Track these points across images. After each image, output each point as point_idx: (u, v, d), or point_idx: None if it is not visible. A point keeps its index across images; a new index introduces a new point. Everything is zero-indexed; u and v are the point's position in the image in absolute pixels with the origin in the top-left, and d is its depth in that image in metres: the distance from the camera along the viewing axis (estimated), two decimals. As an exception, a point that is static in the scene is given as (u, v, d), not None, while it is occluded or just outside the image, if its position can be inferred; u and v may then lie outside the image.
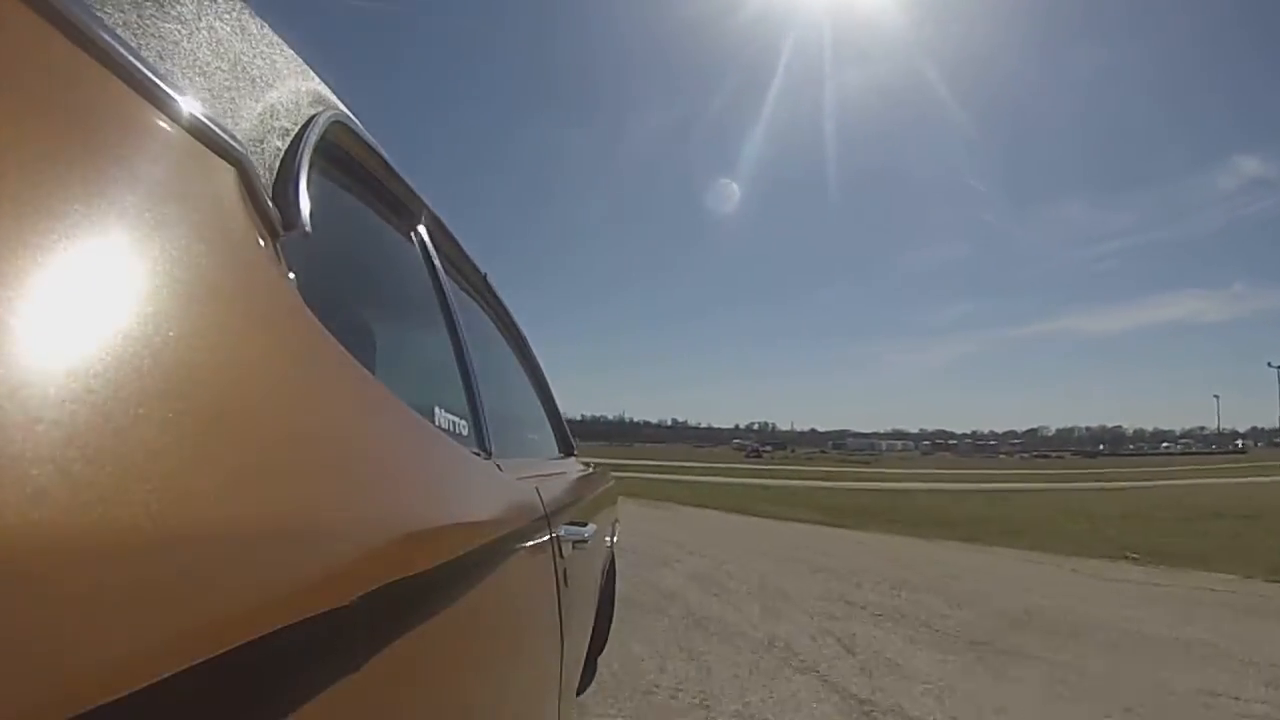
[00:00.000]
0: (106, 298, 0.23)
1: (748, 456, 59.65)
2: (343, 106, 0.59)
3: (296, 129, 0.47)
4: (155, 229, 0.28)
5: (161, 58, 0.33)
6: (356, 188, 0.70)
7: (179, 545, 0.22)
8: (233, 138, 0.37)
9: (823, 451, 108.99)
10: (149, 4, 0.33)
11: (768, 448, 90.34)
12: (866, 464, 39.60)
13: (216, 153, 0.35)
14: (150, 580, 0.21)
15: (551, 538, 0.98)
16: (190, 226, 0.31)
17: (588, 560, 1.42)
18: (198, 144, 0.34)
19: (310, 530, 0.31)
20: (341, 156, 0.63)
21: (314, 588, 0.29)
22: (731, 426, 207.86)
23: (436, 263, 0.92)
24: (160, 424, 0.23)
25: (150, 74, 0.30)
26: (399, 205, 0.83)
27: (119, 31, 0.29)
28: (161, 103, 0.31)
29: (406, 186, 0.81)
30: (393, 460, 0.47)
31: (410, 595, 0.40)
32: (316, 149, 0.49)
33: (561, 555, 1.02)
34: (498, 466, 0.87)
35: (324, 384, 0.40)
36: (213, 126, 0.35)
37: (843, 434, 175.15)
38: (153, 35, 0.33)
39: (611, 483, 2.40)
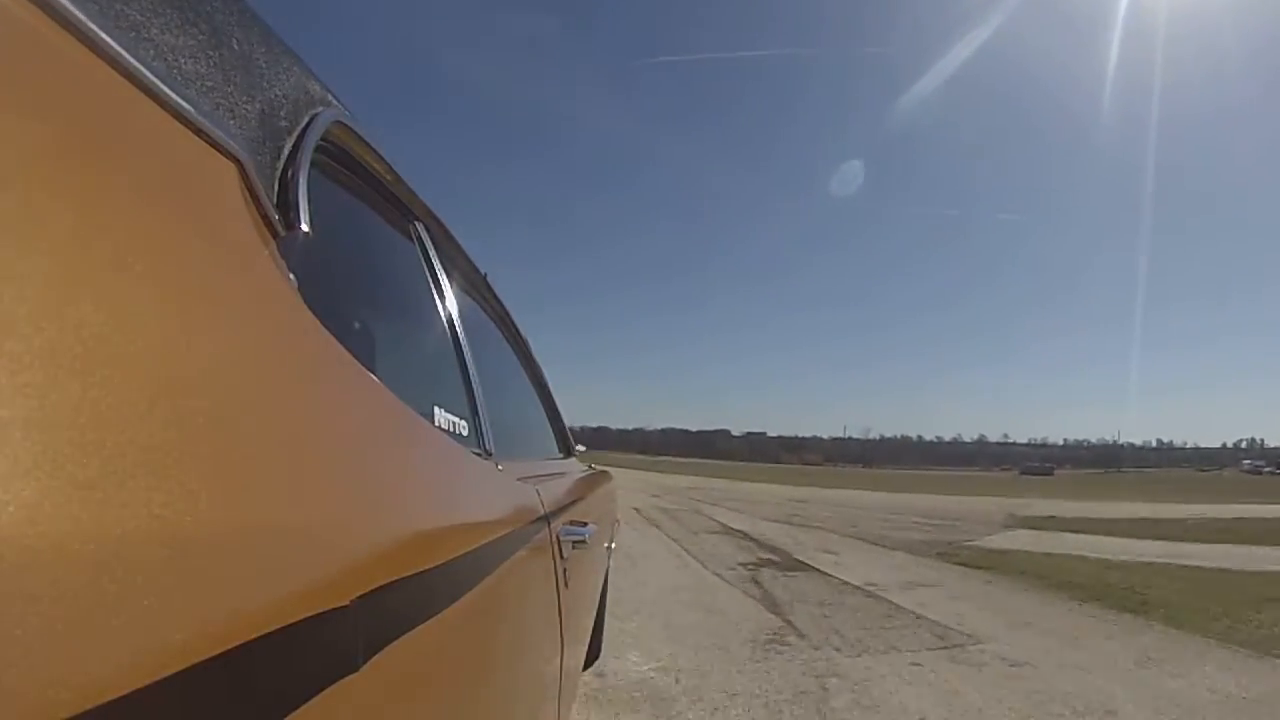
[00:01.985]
0: (105, 297, 0.23)
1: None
2: (343, 106, 0.59)
3: (297, 129, 0.47)
4: (155, 229, 0.28)
5: (161, 56, 0.32)
6: (356, 188, 0.70)
7: (179, 545, 0.22)
8: (233, 137, 0.37)
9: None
10: (149, 2, 0.33)
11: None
12: None
13: (217, 152, 0.35)
14: (150, 580, 0.20)
15: (552, 538, 0.98)
16: (190, 226, 0.31)
17: (588, 562, 1.42)
18: (198, 143, 0.34)
19: (310, 530, 0.31)
20: (341, 156, 0.63)
21: (314, 588, 0.29)
22: (1218, 445, 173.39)
23: (436, 263, 0.92)
24: (160, 424, 0.23)
25: (150, 73, 0.30)
26: (399, 205, 0.83)
27: (119, 29, 0.29)
28: (161, 102, 0.31)
29: (406, 186, 0.81)
30: (393, 460, 0.47)
31: (410, 595, 0.40)
32: (317, 149, 0.49)
33: (562, 556, 1.02)
34: (498, 467, 0.87)
35: (324, 384, 0.40)
36: (213, 126, 0.34)
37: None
38: (153, 33, 0.33)
39: (611, 484, 2.40)
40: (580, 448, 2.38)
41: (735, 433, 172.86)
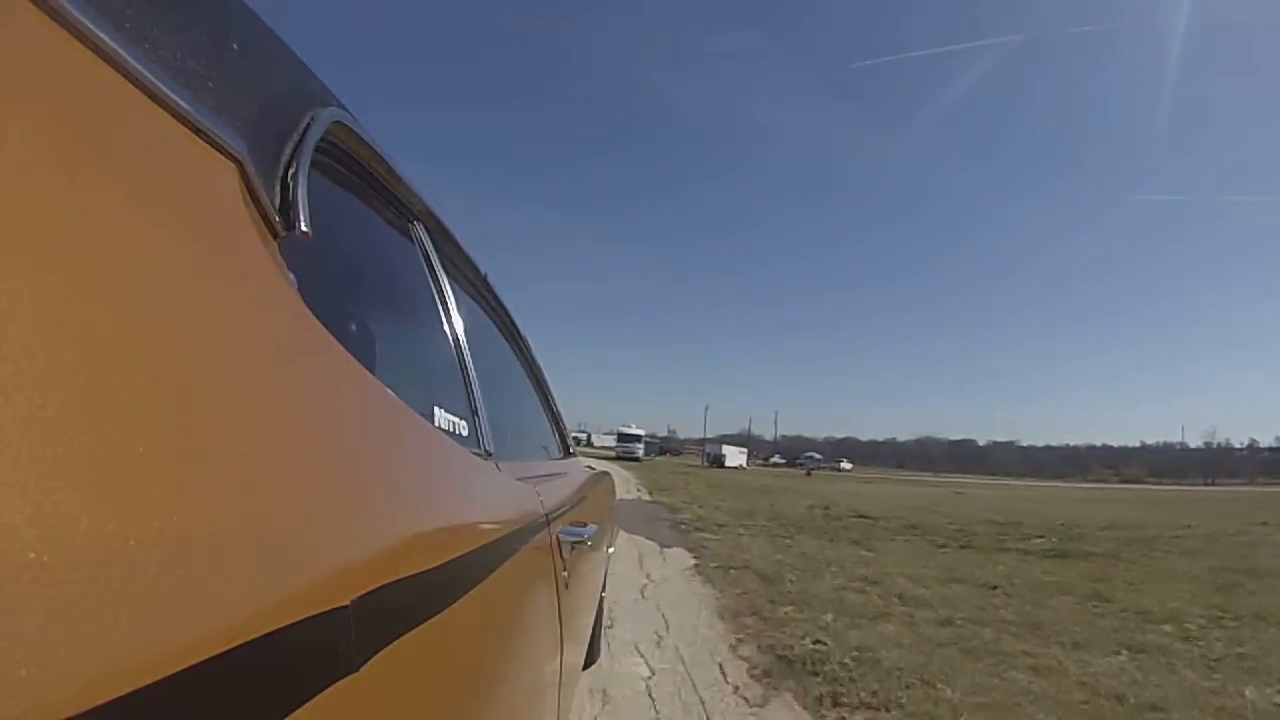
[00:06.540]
0: (106, 298, 0.23)
1: None
2: (343, 106, 0.59)
3: (297, 129, 0.47)
4: (155, 229, 0.28)
5: (161, 56, 0.32)
6: (356, 188, 0.70)
7: (180, 545, 0.22)
8: (233, 137, 0.37)
9: None
10: (149, 2, 0.33)
11: None
12: None
13: (217, 153, 0.35)
14: (150, 580, 0.20)
15: (551, 539, 0.98)
16: (190, 226, 0.31)
17: (587, 562, 1.42)
18: (198, 143, 0.34)
19: (310, 530, 0.31)
20: (341, 156, 0.63)
21: (314, 588, 0.29)
22: None
23: (436, 263, 0.92)
24: (161, 425, 0.23)
25: (150, 73, 0.30)
26: (399, 205, 0.83)
27: (119, 30, 0.29)
28: (161, 102, 0.31)
29: (406, 186, 0.81)
30: (392, 461, 0.47)
31: (409, 596, 0.40)
32: (317, 149, 0.49)
33: (561, 556, 1.02)
34: (497, 467, 0.87)
35: (324, 384, 0.40)
36: (213, 126, 0.34)
37: None
38: (153, 33, 0.33)
39: (611, 485, 2.40)
40: (846, 465, 2.16)
41: (987, 441, 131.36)
